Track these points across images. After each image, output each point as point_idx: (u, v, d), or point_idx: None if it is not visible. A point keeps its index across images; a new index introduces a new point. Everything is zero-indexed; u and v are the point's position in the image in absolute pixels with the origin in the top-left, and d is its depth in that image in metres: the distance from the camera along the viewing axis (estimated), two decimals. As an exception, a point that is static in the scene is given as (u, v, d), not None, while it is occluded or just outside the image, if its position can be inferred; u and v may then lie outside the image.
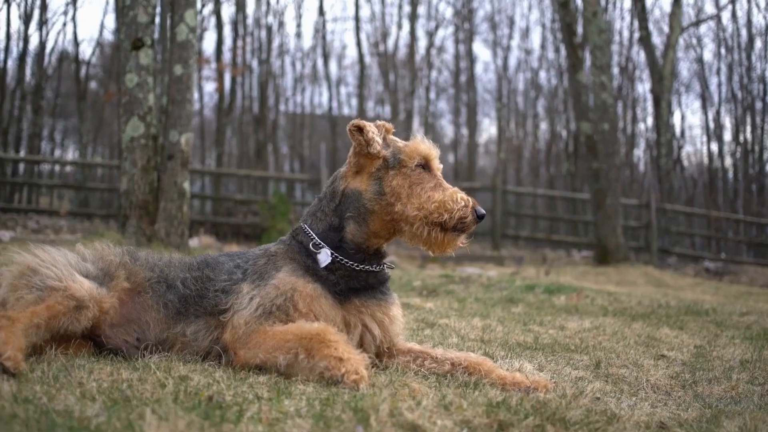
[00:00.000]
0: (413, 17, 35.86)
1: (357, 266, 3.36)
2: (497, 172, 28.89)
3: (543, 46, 40.36)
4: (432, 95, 41.38)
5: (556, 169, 39.39)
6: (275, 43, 38.08)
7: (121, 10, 9.88)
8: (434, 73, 41.19)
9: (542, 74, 41.71)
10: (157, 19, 10.48)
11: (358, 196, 3.42)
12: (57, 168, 37.90)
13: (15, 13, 41.99)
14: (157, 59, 11.86)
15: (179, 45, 9.91)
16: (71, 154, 45.58)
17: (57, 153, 43.79)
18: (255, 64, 36.66)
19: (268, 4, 37.25)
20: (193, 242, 13.72)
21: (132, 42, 9.59)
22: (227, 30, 35.49)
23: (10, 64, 35.26)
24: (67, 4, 35.34)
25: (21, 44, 33.34)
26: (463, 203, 3.29)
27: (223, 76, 32.83)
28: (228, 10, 38.53)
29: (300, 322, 3.13)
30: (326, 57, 37.29)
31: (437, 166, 3.46)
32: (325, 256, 3.35)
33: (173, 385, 2.62)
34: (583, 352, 4.40)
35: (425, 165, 3.40)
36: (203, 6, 32.82)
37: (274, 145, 36.82)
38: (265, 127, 34.00)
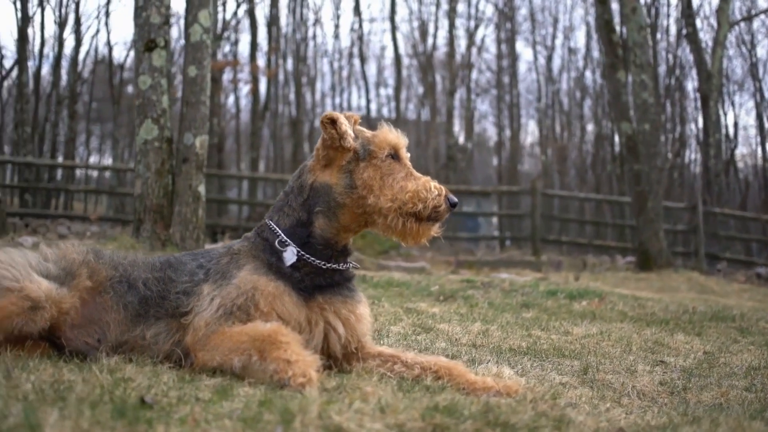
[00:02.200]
0: (452, 15, 35.46)
1: (324, 265, 3.25)
2: (537, 175, 28.48)
3: (588, 45, 39.75)
4: (473, 96, 40.95)
5: (603, 171, 38.68)
6: (312, 44, 38.19)
7: (136, 12, 9.73)
8: (475, 74, 40.79)
9: (588, 74, 41.06)
10: (182, 21, 10.27)
11: (328, 189, 3.30)
12: (96, 173, 38.36)
13: (50, 17, 42.70)
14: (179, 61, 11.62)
15: (193, 46, 9.82)
16: (109, 159, 46.25)
17: (95, 159, 44.45)
18: (290, 65, 36.76)
19: (305, 4, 37.34)
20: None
21: (145, 43, 9.49)
22: (263, 32, 35.67)
23: (46, 69, 35.85)
24: (99, 9, 35.88)
25: (56, 49, 33.88)
26: (436, 192, 3.21)
27: (258, 78, 32.94)
28: (263, 11, 38.57)
29: (256, 322, 3.01)
30: (363, 58, 37.15)
31: (406, 155, 3.36)
32: (290, 255, 3.24)
33: (111, 386, 2.51)
34: (576, 358, 4.24)
35: (395, 155, 3.30)
36: (238, 5, 33.00)
37: (312, 148, 36.71)
38: (301, 129, 34.02)
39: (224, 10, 33.92)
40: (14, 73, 32.92)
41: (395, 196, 3.18)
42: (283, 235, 3.27)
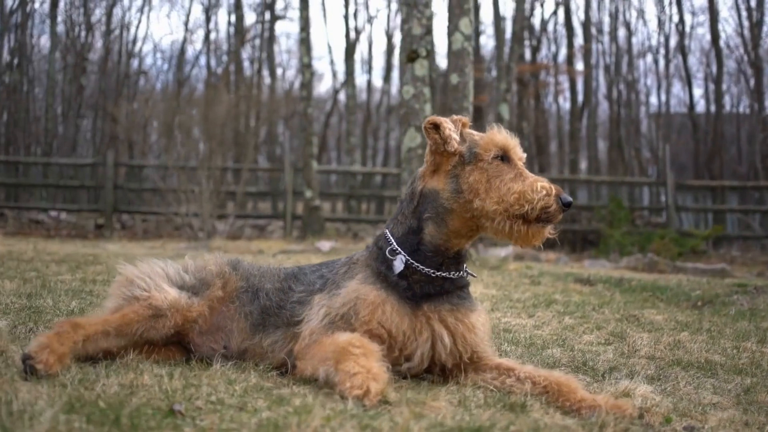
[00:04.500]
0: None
1: (433, 273, 3.19)
2: None
3: None
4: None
5: None
6: (634, 40, 36.95)
7: (401, 25, 10.09)
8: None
9: None
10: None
11: (436, 195, 3.24)
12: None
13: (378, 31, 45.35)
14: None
15: (454, 54, 9.94)
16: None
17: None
18: (613, 62, 35.89)
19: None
20: (506, 251, 13.53)
21: (407, 54, 9.76)
22: (579, 33, 35.21)
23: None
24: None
25: (385, 61, 35.91)
26: (544, 192, 3.05)
27: (575, 80, 32.56)
28: (581, 13, 37.90)
29: (341, 332, 3.03)
30: (684, 52, 35.02)
31: (518, 155, 3.23)
32: (399, 263, 3.22)
33: (168, 394, 2.63)
34: (751, 375, 3.77)
35: (504, 156, 3.19)
36: (557, 6, 32.83)
37: (635, 147, 35.54)
38: (618, 128, 33.07)
39: (542, 9, 34.11)
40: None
41: (501, 198, 3.07)
42: (394, 243, 3.25)
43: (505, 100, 20.30)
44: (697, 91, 46.28)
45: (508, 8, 46.63)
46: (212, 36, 34.95)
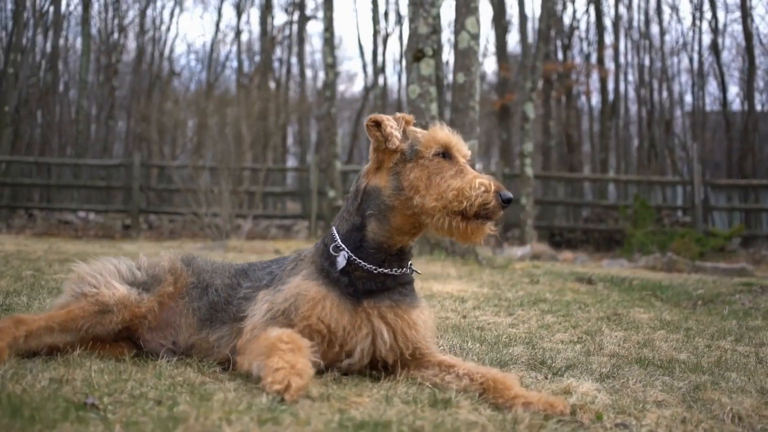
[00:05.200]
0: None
1: (375, 270, 3.20)
2: None
3: None
4: None
5: None
6: (668, 37, 36.57)
7: (409, 25, 10.11)
8: None
9: None
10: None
11: (378, 192, 3.25)
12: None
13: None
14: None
15: (461, 53, 9.92)
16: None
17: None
18: (647, 61, 35.54)
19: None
20: (523, 250, 13.50)
21: (413, 54, 9.77)
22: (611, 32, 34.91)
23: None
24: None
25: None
26: (483, 188, 3.04)
27: (606, 79, 32.30)
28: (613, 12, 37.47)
29: (274, 328, 3.04)
30: (717, 50, 34.47)
31: (462, 152, 3.22)
32: (342, 260, 3.23)
33: (93, 388, 2.64)
34: (709, 373, 3.73)
35: (445, 153, 3.18)
36: (589, 4, 32.54)
37: (667, 146, 35.11)
38: (650, 127, 32.73)
39: (573, 7, 33.91)
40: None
41: (441, 195, 3.07)
42: (339, 240, 3.26)
43: (530, 99, 20.15)
44: (734, 89, 45.69)
45: (536, 8, 46.24)
46: (244, 37, 35.07)
